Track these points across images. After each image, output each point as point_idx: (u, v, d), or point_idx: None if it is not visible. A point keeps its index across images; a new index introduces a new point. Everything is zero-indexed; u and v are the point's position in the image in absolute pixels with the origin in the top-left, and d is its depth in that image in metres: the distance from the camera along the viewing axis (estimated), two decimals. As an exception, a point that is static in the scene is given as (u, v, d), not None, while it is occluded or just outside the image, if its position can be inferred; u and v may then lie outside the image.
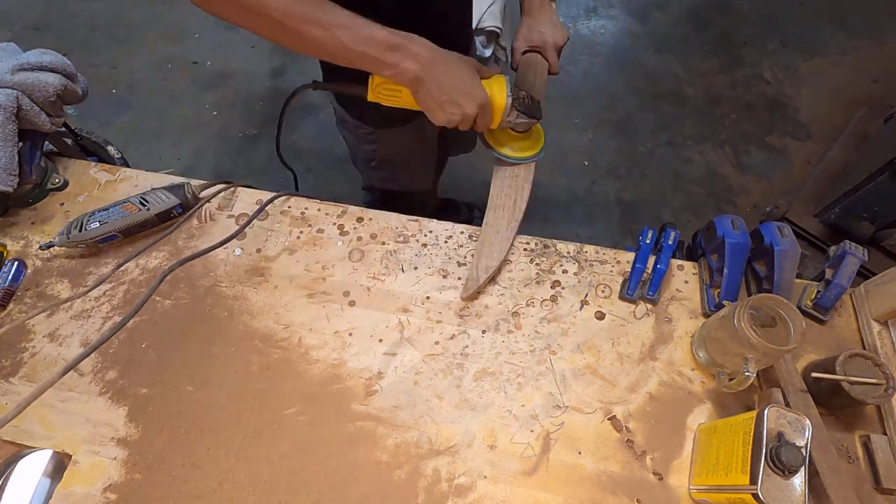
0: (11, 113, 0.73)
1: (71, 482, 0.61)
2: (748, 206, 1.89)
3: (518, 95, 0.72)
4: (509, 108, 0.71)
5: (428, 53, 0.62)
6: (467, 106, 0.65)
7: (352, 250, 0.78)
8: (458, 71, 0.65)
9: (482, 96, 0.67)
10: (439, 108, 0.66)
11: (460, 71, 0.65)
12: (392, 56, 0.61)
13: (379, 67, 0.62)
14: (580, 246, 0.79)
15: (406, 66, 0.61)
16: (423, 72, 0.62)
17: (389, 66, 0.61)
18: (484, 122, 0.70)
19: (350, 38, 0.59)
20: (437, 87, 0.64)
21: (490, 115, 0.70)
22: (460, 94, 0.65)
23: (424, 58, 0.62)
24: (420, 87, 0.64)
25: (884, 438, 0.62)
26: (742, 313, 0.57)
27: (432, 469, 0.62)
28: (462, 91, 0.65)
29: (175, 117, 2.09)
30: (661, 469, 0.62)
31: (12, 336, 0.70)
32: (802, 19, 2.42)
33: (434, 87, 0.64)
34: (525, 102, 0.73)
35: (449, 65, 0.64)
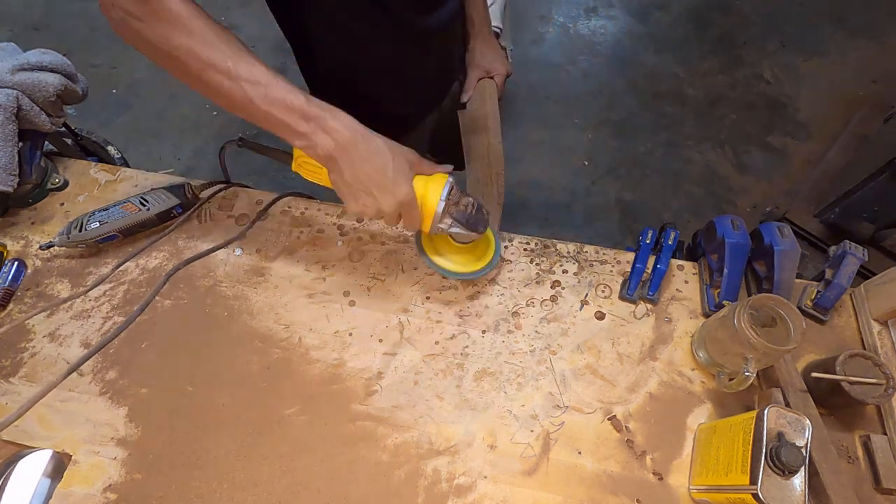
0: (11, 113, 0.73)
1: (71, 482, 0.61)
2: (748, 206, 1.89)
3: (458, 201, 0.62)
4: (440, 215, 0.61)
5: (347, 133, 0.54)
6: (383, 201, 0.57)
7: (352, 250, 0.78)
8: (380, 159, 0.56)
9: (405, 194, 0.57)
10: (351, 195, 0.58)
11: (383, 160, 0.56)
12: (306, 126, 0.54)
13: (289, 135, 0.55)
14: (580, 246, 0.79)
15: (318, 140, 0.54)
16: (337, 151, 0.54)
17: (300, 136, 0.54)
18: (410, 224, 0.61)
19: (260, 96, 0.52)
20: (351, 172, 0.56)
21: (416, 217, 0.60)
22: (377, 186, 0.56)
23: (342, 136, 0.54)
24: (333, 166, 0.56)
25: (884, 438, 0.62)
26: (742, 313, 0.57)
27: (432, 469, 0.62)
28: (378, 183, 0.56)
29: (175, 117, 2.09)
30: (661, 469, 0.62)
31: (12, 336, 0.70)
32: (802, 19, 2.42)
33: (348, 170, 0.56)
34: (466, 211, 0.62)
35: (371, 150, 0.55)
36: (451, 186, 0.61)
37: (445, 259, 0.71)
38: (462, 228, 0.63)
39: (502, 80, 0.94)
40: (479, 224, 0.64)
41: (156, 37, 0.52)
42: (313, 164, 0.61)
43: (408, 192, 0.57)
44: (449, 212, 0.62)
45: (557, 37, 2.36)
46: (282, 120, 0.53)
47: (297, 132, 0.54)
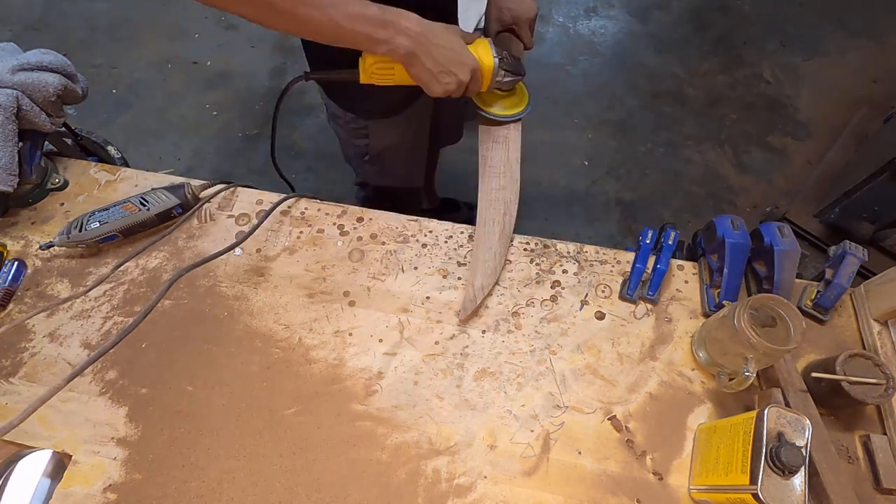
0: (11, 113, 0.73)
1: (71, 482, 0.61)
2: (748, 206, 1.89)
3: (501, 55, 0.74)
4: (496, 69, 0.73)
5: (418, 27, 0.63)
6: (461, 73, 0.68)
7: (352, 250, 0.78)
8: (447, 41, 0.66)
9: (473, 62, 0.69)
10: (435, 79, 0.67)
11: (450, 40, 0.67)
12: (384, 32, 0.62)
13: (372, 45, 0.64)
14: (580, 246, 0.79)
15: (398, 42, 0.63)
16: (415, 46, 0.64)
17: (382, 43, 0.63)
18: (475, 86, 0.72)
19: (343, 16, 0.60)
20: (431, 60, 0.66)
21: (480, 79, 0.72)
22: (453, 63, 0.67)
23: (415, 32, 0.63)
24: (414, 60, 0.65)
25: (884, 438, 0.62)
26: (742, 313, 0.57)
27: (432, 469, 0.62)
28: (454, 60, 0.67)
29: (175, 117, 2.09)
30: (661, 469, 0.62)
31: (12, 336, 0.70)
32: (802, 19, 2.42)
33: (428, 59, 0.65)
34: (509, 61, 0.75)
35: (439, 36, 0.66)
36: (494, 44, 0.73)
37: (497, 107, 0.84)
38: (511, 76, 0.76)
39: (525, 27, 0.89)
40: (520, 68, 0.78)
41: None
42: (385, 67, 0.70)
43: (473, 60, 0.69)
44: (501, 66, 0.74)
45: (557, 37, 2.35)
46: (364, 32, 0.62)
47: (379, 39, 0.62)
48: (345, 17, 0.60)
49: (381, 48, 0.64)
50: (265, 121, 2.07)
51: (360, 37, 0.62)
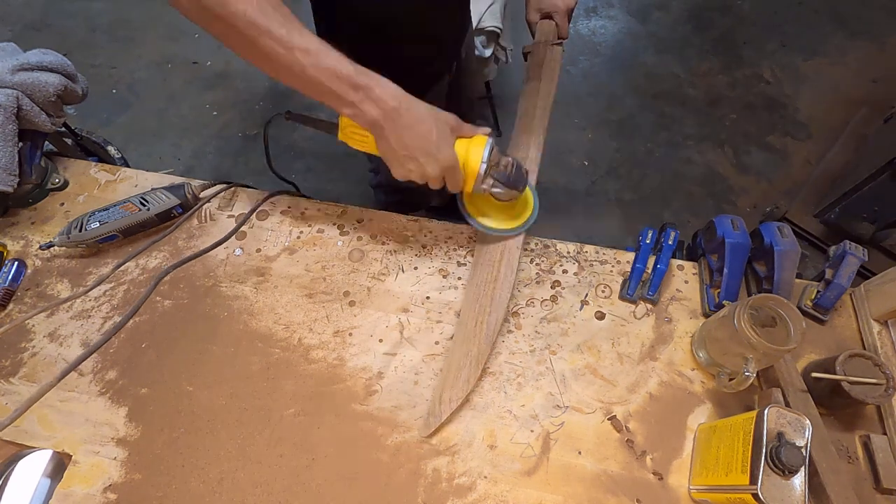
0: (11, 113, 0.73)
1: (71, 482, 0.61)
2: (748, 206, 1.89)
3: (499, 162, 0.64)
4: (482, 176, 0.63)
5: (392, 101, 0.56)
6: (428, 166, 0.59)
7: (352, 250, 0.78)
8: (424, 126, 0.58)
9: (448, 158, 0.60)
10: (397, 161, 0.60)
11: (427, 127, 0.58)
12: (354, 94, 0.56)
13: (338, 103, 0.57)
14: (580, 246, 0.79)
15: (366, 109, 0.56)
16: (383, 119, 0.57)
17: (348, 105, 0.57)
18: (454, 185, 0.64)
19: (312, 64, 0.54)
20: (397, 139, 0.58)
21: (459, 179, 0.63)
22: (421, 152, 0.59)
23: (388, 104, 0.56)
24: (379, 133, 0.59)
25: (884, 438, 0.62)
26: (742, 313, 0.57)
27: (432, 469, 0.62)
28: (423, 149, 0.59)
29: (175, 117, 2.09)
30: (661, 469, 0.62)
31: (12, 336, 0.70)
32: (802, 19, 2.42)
33: (393, 138, 0.58)
34: (506, 171, 0.64)
35: (415, 117, 0.58)
36: (492, 148, 0.63)
37: (488, 218, 0.73)
38: (503, 188, 0.66)
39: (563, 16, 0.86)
40: (518, 183, 0.66)
41: (212, 2, 0.52)
42: (360, 133, 0.62)
43: (450, 156, 0.60)
44: (490, 173, 0.64)
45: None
46: (330, 88, 0.55)
47: (346, 101, 0.56)
48: (314, 65, 0.54)
49: (347, 110, 0.57)
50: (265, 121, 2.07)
51: (326, 91, 0.56)
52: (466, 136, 0.63)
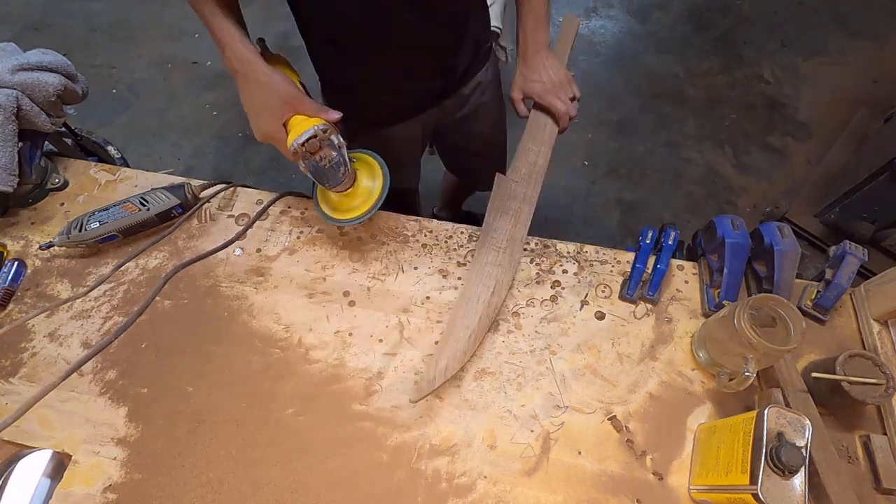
0: (11, 113, 0.73)
1: (71, 482, 0.61)
2: (748, 206, 1.89)
3: (318, 150, 0.64)
4: (292, 154, 0.65)
5: (235, 63, 0.65)
6: (256, 130, 0.67)
7: (352, 250, 0.78)
8: (255, 93, 0.65)
9: (268, 126, 0.66)
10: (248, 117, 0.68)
11: (256, 94, 0.65)
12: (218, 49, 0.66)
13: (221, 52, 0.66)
14: (580, 246, 0.79)
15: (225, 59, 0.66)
16: (236, 76, 0.65)
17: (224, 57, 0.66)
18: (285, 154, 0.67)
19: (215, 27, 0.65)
20: (242, 97, 0.67)
21: (283, 153, 0.67)
22: (250, 115, 0.67)
23: (231, 67, 0.65)
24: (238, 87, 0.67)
25: (884, 438, 0.62)
26: (742, 313, 0.57)
27: (432, 469, 0.62)
28: (251, 113, 0.67)
29: (175, 117, 2.09)
30: (661, 469, 0.62)
31: (12, 336, 0.70)
32: (802, 19, 2.42)
33: (242, 96, 0.67)
34: (319, 163, 0.65)
35: (250, 83, 0.65)
36: (314, 134, 0.64)
37: (326, 206, 0.75)
38: (312, 176, 0.67)
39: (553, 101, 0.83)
40: (326, 179, 0.67)
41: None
42: None
43: (269, 127, 0.66)
44: (303, 156, 0.65)
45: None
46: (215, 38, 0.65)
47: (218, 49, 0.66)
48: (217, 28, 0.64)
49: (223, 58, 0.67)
50: (265, 121, 2.07)
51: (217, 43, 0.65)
52: (306, 113, 0.66)
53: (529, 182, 0.81)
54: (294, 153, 0.64)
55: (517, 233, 0.77)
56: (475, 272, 0.73)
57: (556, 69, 0.84)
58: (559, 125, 0.86)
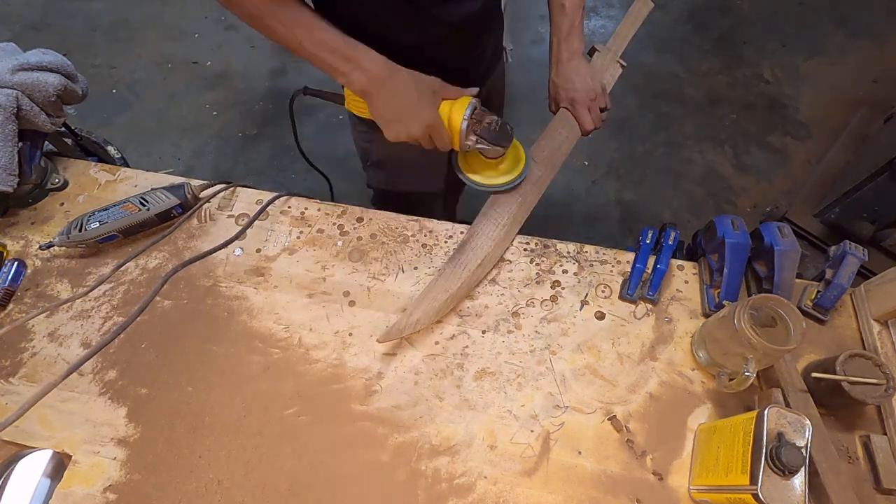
0: (11, 113, 0.73)
1: (71, 482, 0.61)
2: (748, 206, 1.89)
3: (482, 119, 0.69)
4: (465, 132, 0.68)
5: (377, 70, 0.63)
6: (413, 126, 0.66)
7: (352, 250, 0.78)
8: (407, 91, 0.64)
9: (430, 118, 0.66)
10: (386, 124, 0.67)
11: (409, 91, 0.64)
12: (344, 65, 0.62)
13: (333, 73, 0.64)
14: (580, 246, 0.79)
15: (355, 78, 0.63)
16: (370, 87, 0.63)
17: (341, 74, 0.63)
18: (441, 143, 0.69)
19: (307, 38, 0.61)
20: (384, 104, 0.65)
21: (444, 138, 0.68)
22: (405, 115, 0.65)
23: (373, 74, 0.63)
24: (369, 100, 0.66)
25: (884, 438, 0.62)
26: (742, 313, 0.57)
27: (432, 469, 0.62)
28: (407, 111, 0.65)
29: (175, 117, 2.09)
30: (661, 469, 0.62)
31: (12, 336, 0.70)
32: (802, 19, 2.42)
33: (381, 103, 0.65)
34: (489, 128, 0.69)
35: (398, 83, 0.64)
36: (475, 107, 0.68)
37: (479, 175, 0.77)
38: (486, 144, 0.69)
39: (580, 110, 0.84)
40: (502, 139, 0.70)
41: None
42: (358, 100, 0.69)
43: (432, 117, 0.66)
44: (473, 129, 0.68)
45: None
46: (325, 60, 0.62)
47: (339, 71, 0.63)
48: (308, 39, 0.61)
49: (340, 79, 0.64)
50: (265, 121, 2.07)
51: (320, 62, 0.63)
52: (451, 97, 0.68)
53: (547, 166, 0.82)
54: (466, 129, 0.67)
55: (520, 214, 0.78)
56: (470, 241, 0.75)
57: (587, 78, 0.84)
58: (582, 133, 0.87)
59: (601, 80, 0.87)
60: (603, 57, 0.93)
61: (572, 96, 0.84)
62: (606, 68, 0.92)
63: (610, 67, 0.93)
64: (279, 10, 0.60)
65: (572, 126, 0.86)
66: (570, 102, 0.85)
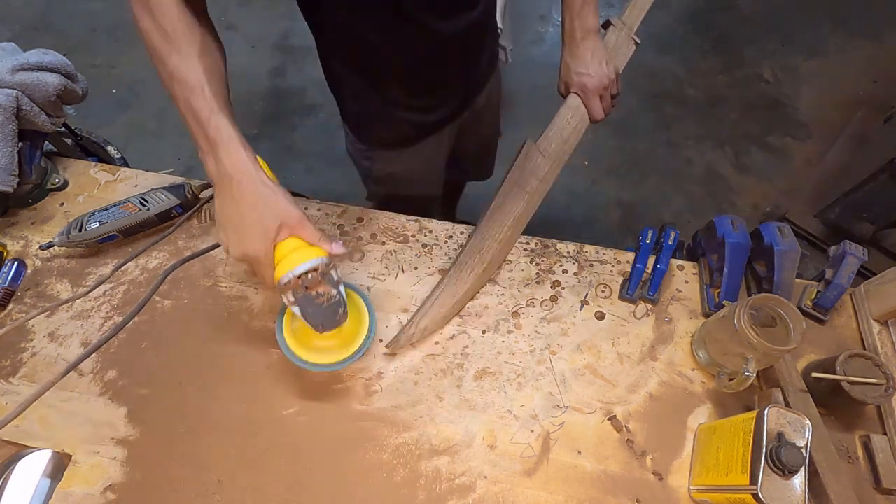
0: (11, 113, 0.73)
1: (71, 482, 0.61)
2: (748, 206, 1.89)
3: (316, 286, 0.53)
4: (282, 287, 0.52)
5: (231, 168, 0.52)
6: (233, 245, 0.53)
7: (352, 250, 0.78)
8: (248, 206, 0.52)
9: (253, 249, 0.52)
10: (217, 226, 0.55)
11: (250, 208, 0.52)
12: (203, 143, 0.53)
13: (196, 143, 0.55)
14: (580, 246, 0.79)
15: (207, 162, 0.54)
16: (216, 179, 0.53)
17: (200, 150, 0.54)
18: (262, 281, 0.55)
19: (182, 98, 0.53)
20: (220, 205, 0.53)
21: (267, 276, 0.54)
22: (233, 228, 0.53)
23: (224, 169, 0.52)
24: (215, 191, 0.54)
25: (884, 438, 0.62)
26: (742, 313, 0.57)
27: (432, 469, 0.62)
28: (236, 227, 0.53)
29: (175, 117, 2.07)
30: (661, 469, 0.62)
31: (12, 336, 0.70)
32: (802, 19, 2.42)
33: (219, 202, 0.54)
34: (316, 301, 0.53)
35: (244, 193, 0.52)
36: (318, 268, 0.52)
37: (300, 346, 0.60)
38: (301, 316, 0.54)
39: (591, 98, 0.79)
40: (320, 319, 0.55)
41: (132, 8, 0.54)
42: None
43: (257, 249, 0.52)
44: (295, 291, 0.53)
45: (557, 36, 2.34)
46: (191, 129, 0.54)
47: (197, 145, 0.54)
48: (182, 100, 0.53)
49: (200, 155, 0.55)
50: (265, 121, 2.07)
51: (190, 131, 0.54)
52: (307, 240, 0.54)
53: (554, 160, 0.80)
54: (284, 285, 0.52)
55: (525, 214, 0.77)
56: (474, 243, 0.74)
57: (602, 62, 0.78)
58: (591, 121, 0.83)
59: (615, 62, 0.81)
60: (618, 33, 0.85)
61: (584, 82, 0.78)
62: (620, 47, 0.86)
63: (624, 46, 0.86)
64: (170, 55, 0.53)
65: (582, 115, 0.81)
66: (582, 88, 0.79)
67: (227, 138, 0.52)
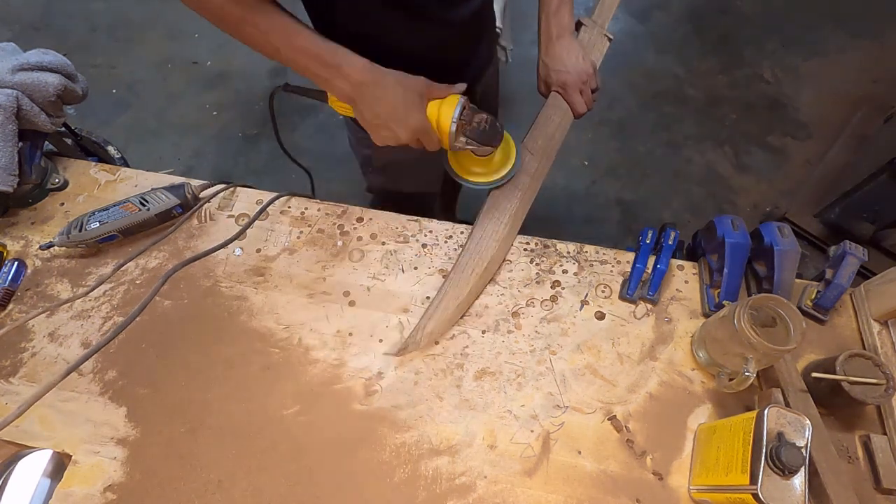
0: (11, 113, 0.73)
1: (71, 482, 0.61)
2: (748, 206, 1.89)
3: (470, 120, 0.67)
4: (455, 134, 0.66)
5: (359, 75, 0.60)
6: (400, 131, 0.63)
7: (352, 250, 0.78)
8: (393, 95, 0.62)
9: (417, 122, 0.63)
10: (373, 129, 0.65)
11: (395, 95, 0.62)
12: (325, 72, 0.60)
13: (313, 79, 0.62)
14: (580, 246, 0.79)
15: (337, 85, 0.61)
16: (354, 93, 0.61)
17: (323, 81, 0.62)
18: (430, 145, 0.67)
19: (284, 44, 0.59)
20: (370, 111, 0.62)
21: (433, 139, 0.66)
22: (392, 120, 0.63)
23: (356, 79, 0.60)
24: (354, 106, 0.63)
25: (884, 438, 0.62)
26: (742, 313, 0.57)
27: (432, 469, 0.62)
28: (393, 116, 0.62)
29: (175, 117, 2.09)
30: (661, 469, 0.62)
31: (12, 336, 0.70)
32: (802, 19, 2.42)
33: (366, 109, 0.62)
34: (478, 128, 0.67)
35: (382, 88, 0.61)
36: (463, 107, 0.66)
37: (470, 173, 0.76)
38: (476, 145, 0.68)
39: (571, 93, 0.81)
40: (492, 139, 0.68)
41: None
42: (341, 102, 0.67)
43: (419, 120, 0.63)
44: (463, 131, 0.67)
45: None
46: (306, 66, 0.60)
47: (320, 77, 0.61)
48: (286, 45, 0.59)
49: (323, 86, 0.63)
50: (265, 121, 2.07)
51: (301, 68, 0.61)
52: (439, 97, 0.65)
53: (543, 156, 0.81)
54: (455, 132, 0.65)
55: (521, 209, 0.78)
56: (473, 244, 0.74)
57: (579, 58, 0.81)
58: (574, 116, 0.85)
59: (591, 58, 0.84)
60: (590, 31, 0.89)
61: (564, 79, 0.81)
62: (594, 44, 0.89)
63: (598, 43, 0.89)
64: (254, 15, 0.57)
65: (565, 112, 0.84)
66: (562, 85, 0.82)
67: (342, 55, 0.60)
